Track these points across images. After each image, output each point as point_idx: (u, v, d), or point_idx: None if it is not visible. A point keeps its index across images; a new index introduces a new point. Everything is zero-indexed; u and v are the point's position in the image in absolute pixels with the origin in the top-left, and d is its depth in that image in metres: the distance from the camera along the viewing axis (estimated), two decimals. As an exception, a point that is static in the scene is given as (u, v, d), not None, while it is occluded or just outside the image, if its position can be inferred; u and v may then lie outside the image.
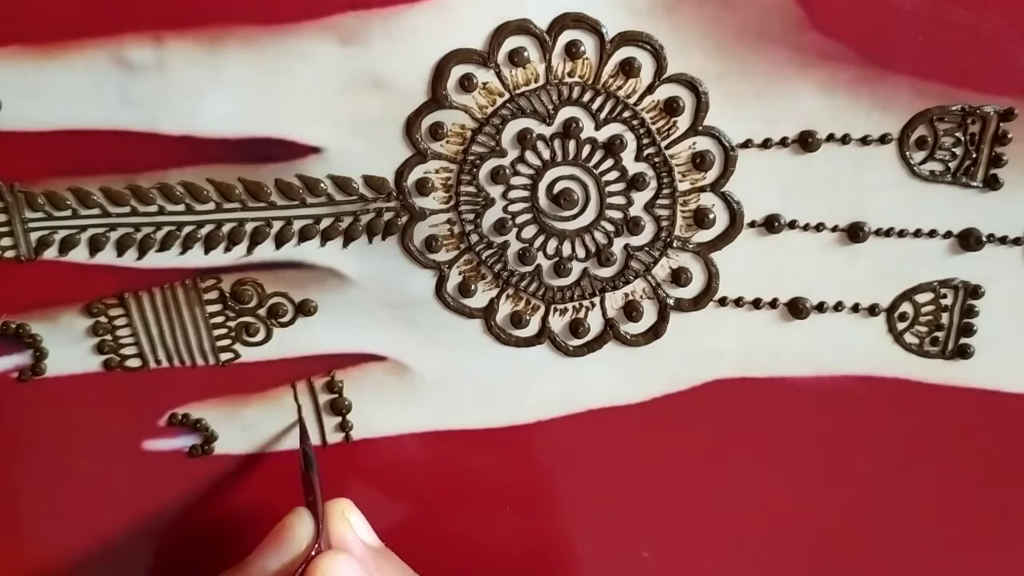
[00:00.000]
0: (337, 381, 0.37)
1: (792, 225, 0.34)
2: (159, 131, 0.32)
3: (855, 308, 0.35)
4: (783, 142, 0.33)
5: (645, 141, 0.33)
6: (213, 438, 0.38)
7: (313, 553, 0.32)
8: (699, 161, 0.33)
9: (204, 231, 0.34)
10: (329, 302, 0.35)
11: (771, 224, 0.34)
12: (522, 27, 0.31)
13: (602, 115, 0.33)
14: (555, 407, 0.37)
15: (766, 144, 0.33)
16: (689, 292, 0.35)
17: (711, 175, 0.33)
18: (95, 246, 0.34)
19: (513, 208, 0.34)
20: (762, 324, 0.35)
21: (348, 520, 0.34)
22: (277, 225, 0.34)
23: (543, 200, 0.34)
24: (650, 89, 0.32)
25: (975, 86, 0.32)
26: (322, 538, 0.32)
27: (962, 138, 0.32)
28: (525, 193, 0.34)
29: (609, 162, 0.33)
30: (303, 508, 0.33)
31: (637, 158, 0.33)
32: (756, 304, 0.35)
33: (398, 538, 0.36)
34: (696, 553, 0.40)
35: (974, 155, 0.33)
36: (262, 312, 0.36)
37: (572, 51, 0.32)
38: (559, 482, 0.39)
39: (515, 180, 0.34)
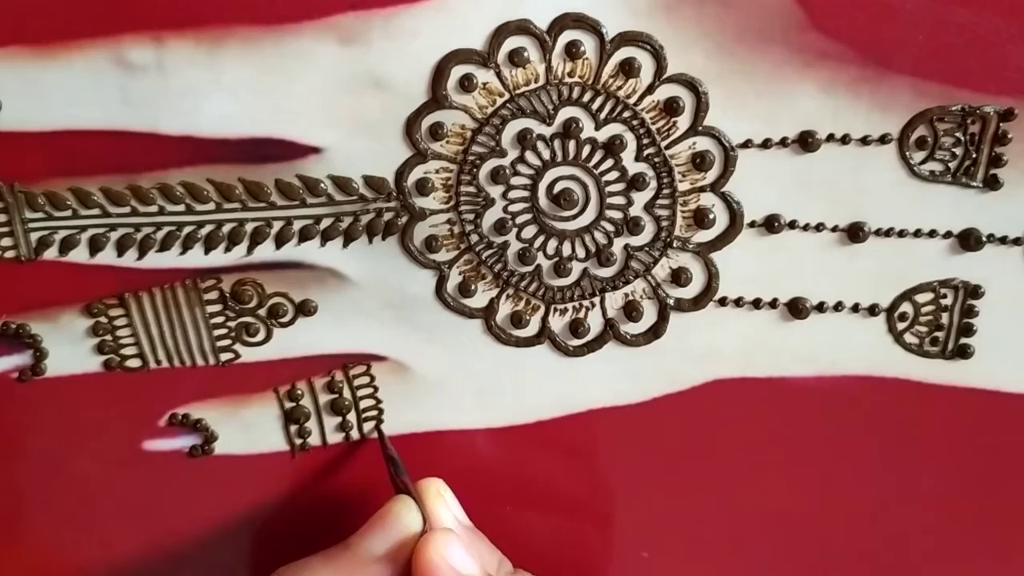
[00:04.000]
0: (338, 381, 0.37)
1: (792, 225, 0.34)
2: (159, 131, 0.32)
3: (855, 308, 0.35)
4: (783, 142, 0.33)
5: (645, 141, 0.33)
6: (213, 438, 0.38)
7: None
8: (699, 161, 0.33)
9: (204, 231, 0.34)
10: (329, 302, 0.35)
11: (771, 224, 0.34)
12: (522, 27, 0.31)
13: (602, 115, 0.33)
14: (555, 407, 0.37)
15: (766, 144, 0.33)
16: (689, 292, 0.35)
17: (711, 175, 0.33)
18: (95, 246, 0.34)
19: (513, 208, 0.34)
20: (762, 324, 0.35)
21: (444, 499, 0.34)
22: (277, 225, 0.34)
23: (543, 200, 0.34)
24: (650, 89, 0.32)
25: (975, 86, 0.32)
26: (427, 524, 0.33)
27: (962, 138, 0.32)
28: (525, 193, 0.34)
29: (609, 162, 0.33)
30: (406, 496, 0.33)
31: (637, 158, 0.33)
32: (756, 304, 0.35)
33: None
34: (696, 553, 0.40)
35: (974, 155, 0.33)
36: (262, 312, 0.36)
37: (572, 51, 0.32)
38: (559, 482, 0.39)
39: (515, 180, 0.34)
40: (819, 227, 0.34)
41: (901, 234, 0.34)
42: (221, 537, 0.39)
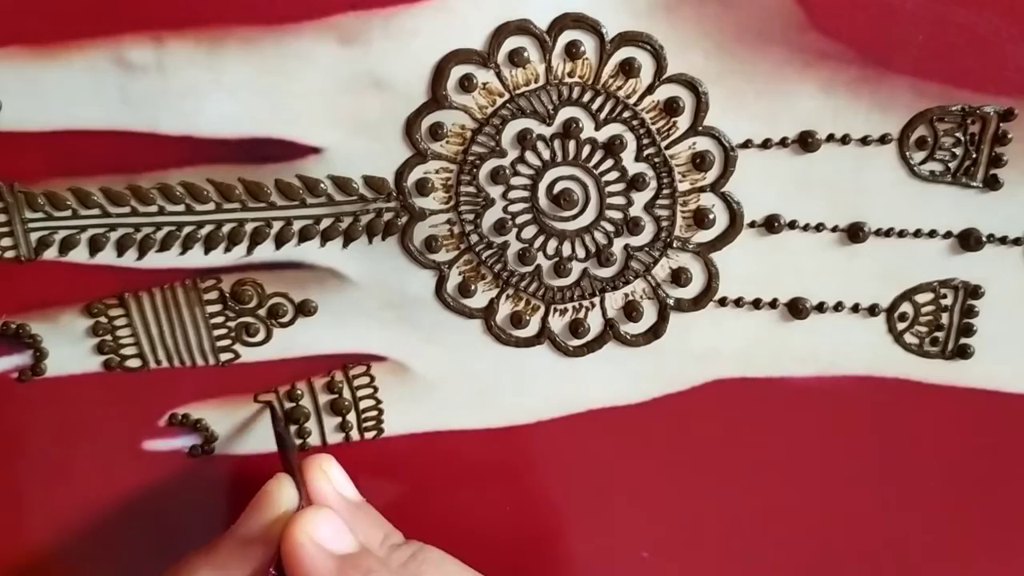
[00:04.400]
0: (338, 381, 0.37)
1: (792, 225, 0.34)
2: (159, 131, 0.32)
3: (855, 308, 0.35)
4: (783, 142, 0.33)
5: (645, 141, 0.33)
6: (213, 438, 0.38)
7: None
8: (699, 161, 0.33)
9: (204, 231, 0.34)
10: (329, 302, 0.35)
11: (771, 224, 0.34)
12: (522, 27, 0.31)
13: (602, 115, 0.33)
14: (555, 407, 0.37)
15: (766, 144, 0.33)
16: (689, 292, 0.35)
17: (711, 175, 0.33)
18: (95, 246, 0.34)
19: (513, 208, 0.34)
20: (762, 324, 0.35)
21: (326, 474, 0.34)
22: (277, 225, 0.34)
23: (543, 200, 0.34)
24: (650, 89, 0.32)
25: (975, 86, 0.32)
26: (303, 499, 0.33)
27: (962, 138, 0.32)
28: (525, 193, 0.34)
29: (609, 162, 0.33)
30: (283, 474, 0.33)
31: (637, 158, 0.33)
32: (756, 304, 0.35)
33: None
34: (696, 553, 0.40)
35: (974, 155, 0.33)
36: (262, 312, 0.36)
37: (572, 51, 0.32)
38: (559, 482, 0.39)
39: (515, 180, 0.34)
40: (819, 227, 0.34)
41: (901, 234, 0.34)
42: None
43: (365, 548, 0.32)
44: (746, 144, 0.33)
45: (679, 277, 0.35)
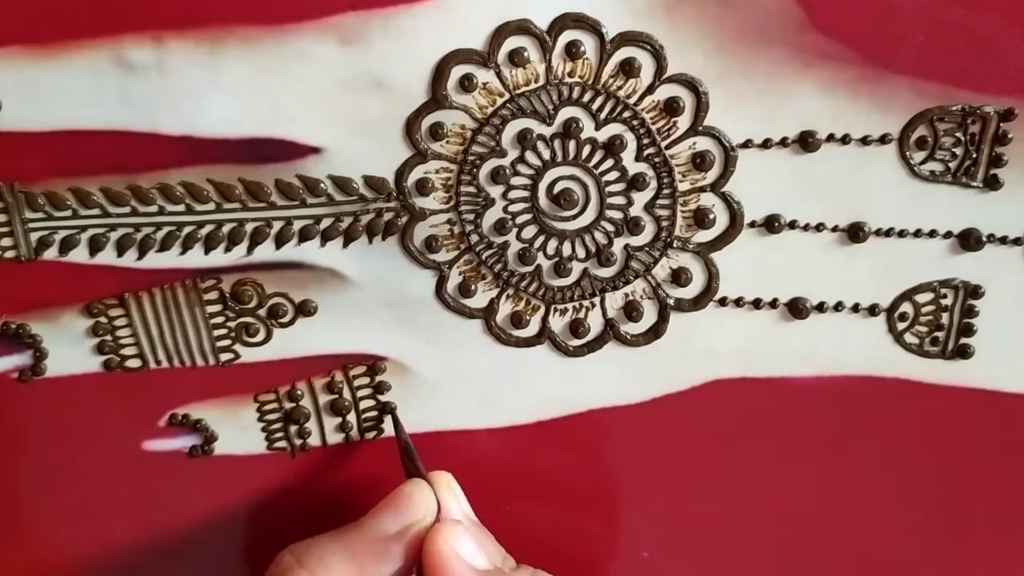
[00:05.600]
0: (338, 382, 0.37)
1: (792, 225, 0.34)
2: (159, 131, 0.32)
3: (855, 308, 0.35)
4: (783, 142, 0.33)
5: (645, 141, 0.33)
6: (213, 438, 0.38)
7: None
8: (699, 161, 0.33)
9: (204, 231, 0.34)
10: (329, 302, 0.35)
11: (771, 224, 0.34)
12: (522, 27, 0.31)
13: (602, 115, 0.33)
14: (555, 407, 0.37)
15: (766, 144, 0.33)
16: (689, 292, 0.35)
17: (711, 175, 0.33)
18: (95, 246, 0.34)
19: (513, 208, 0.34)
20: (762, 324, 0.35)
21: (454, 493, 0.34)
22: (277, 225, 0.34)
23: (543, 200, 0.34)
24: (650, 89, 0.32)
25: (975, 86, 0.32)
26: (440, 511, 0.33)
27: (962, 138, 0.32)
28: (525, 193, 0.34)
29: (609, 162, 0.33)
30: (421, 480, 0.33)
31: (637, 158, 0.33)
32: (756, 304, 0.35)
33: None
34: (696, 553, 0.40)
35: (974, 155, 0.33)
36: (262, 312, 0.36)
37: (572, 51, 0.32)
38: (558, 483, 0.39)
39: (515, 180, 0.34)
40: (819, 227, 0.34)
41: (901, 234, 0.34)
42: (221, 538, 0.39)
43: (499, 568, 0.32)
44: (746, 144, 0.33)
45: (679, 277, 0.35)
